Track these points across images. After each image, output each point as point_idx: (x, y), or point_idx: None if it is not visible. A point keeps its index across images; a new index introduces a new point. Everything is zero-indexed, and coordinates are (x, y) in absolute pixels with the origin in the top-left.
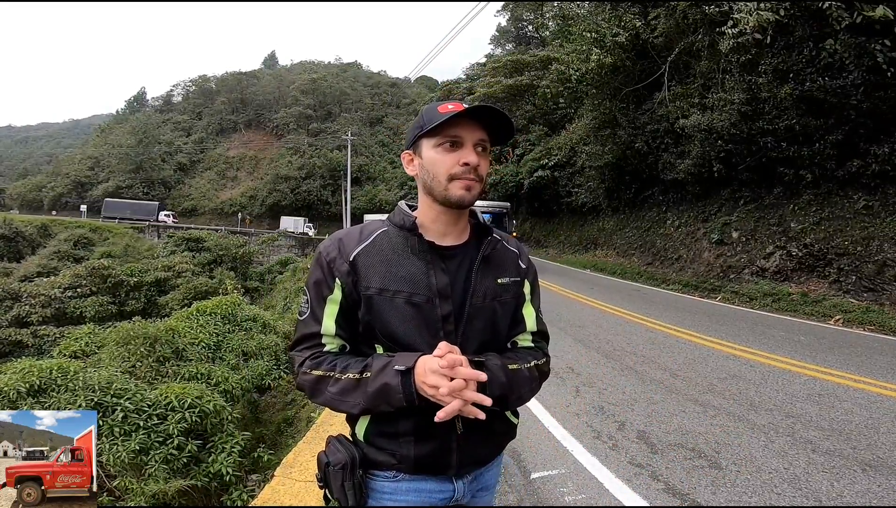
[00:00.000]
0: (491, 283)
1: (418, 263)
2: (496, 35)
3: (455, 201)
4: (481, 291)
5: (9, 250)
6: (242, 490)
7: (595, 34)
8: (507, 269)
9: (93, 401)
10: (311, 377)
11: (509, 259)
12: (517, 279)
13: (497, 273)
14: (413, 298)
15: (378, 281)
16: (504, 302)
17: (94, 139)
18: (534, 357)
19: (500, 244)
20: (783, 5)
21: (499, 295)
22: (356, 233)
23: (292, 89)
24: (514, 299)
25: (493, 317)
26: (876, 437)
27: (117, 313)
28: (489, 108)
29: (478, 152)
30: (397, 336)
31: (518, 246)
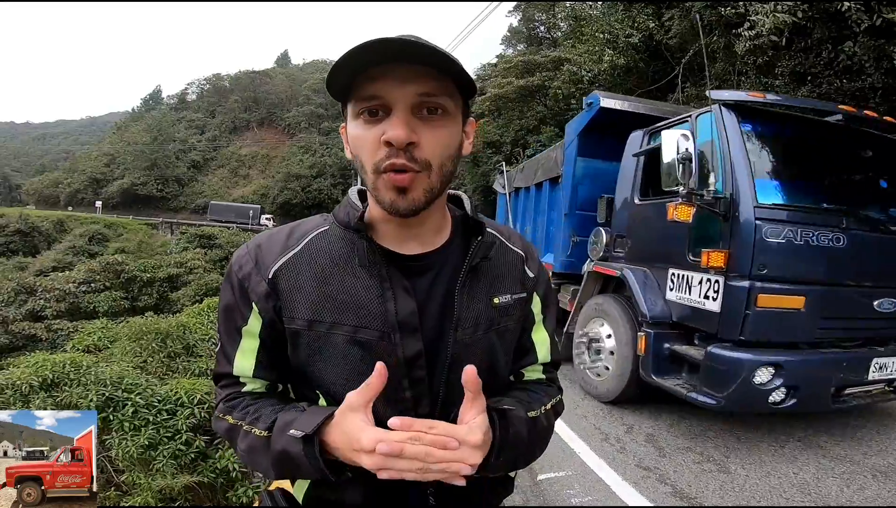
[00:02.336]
0: (484, 305)
1: (368, 280)
2: (507, 35)
3: (385, 207)
4: (470, 319)
5: (25, 244)
6: (248, 486)
7: (608, 35)
8: (507, 281)
9: (104, 396)
10: (224, 424)
11: (510, 266)
12: (522, 296)
13: (493, 289)
14: (359, 333)
15: (307, 309)
16: (504, 331)
17: (111, 136)
18: (549, 395)
19: (497, 246)
20: (801, 7)
21: (496, 322)
22: (282, 236)
23: (304, 88)
24: (518, 324)
25: (489, 355)
26: (887, 443)
27: (130, 309)
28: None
29: (419, 118)
30: (337, 391)
31: (524, 245)
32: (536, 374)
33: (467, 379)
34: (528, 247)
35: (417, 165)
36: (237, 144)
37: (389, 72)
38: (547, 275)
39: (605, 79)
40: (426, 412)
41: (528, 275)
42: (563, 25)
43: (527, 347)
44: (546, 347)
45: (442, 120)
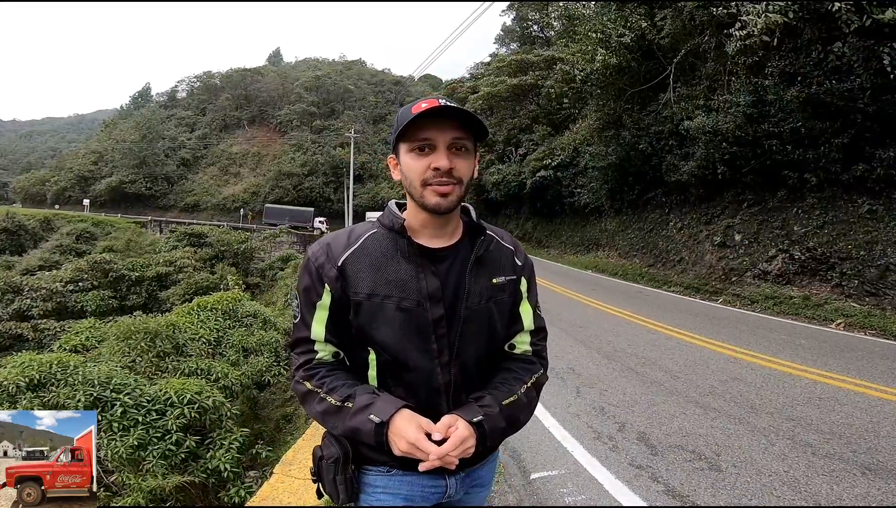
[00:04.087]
0: (486, 283)
1: (408, 266)
2: (501, 34)
3: (430, 207)
4: (476, 292)
5: (11, 243)
6: (240, 486)
7: (600, 34)
8: (503, 267)
9: (92, 396)
10: (303, 388)
11: (504, 257)
12: (513, 278)
13: (492, 273)
14: (403, 302)
15: (367, 286)
16: (500, 302)
17: (99, 134)
18: (530, 372)
19: (495, 242)
20: (792, 7)
21: (494, 296)
22: (344, 237)
23: (296, 86)
24: (510, 297)
25: (489, 319)
26: (876, 441)
27: (118, 308)
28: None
29: (453, 153)
30: (387, 342)
31: (513, 242)
32: (524, 345)
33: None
34: (517, 243)
35: (455, 180)
36: (228, 142)
37: (434, 124)
38: (531, 263)
39: (597, 78)
40: (446, 360)
41: (517, 263)
42: (556, 25)
43: (517, 316)
44: (530, 317)
45: (466, 154)
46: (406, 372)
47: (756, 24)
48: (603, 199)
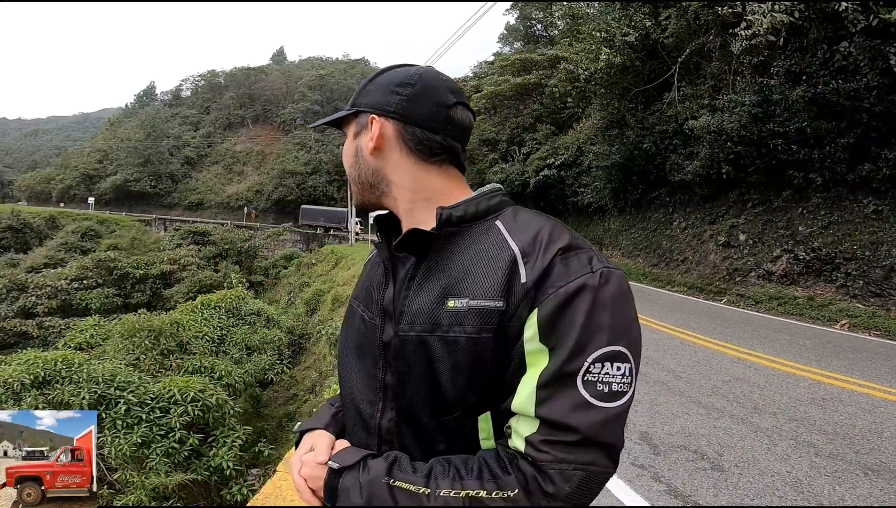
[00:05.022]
0: (430, 304)
1: (380, 270)
2: (504, 33)
3: None
4: (410, 313)
5: (16, 241)
6: (243, 484)
7: (604, 34)
8: (473, 282)
9: (96, 393)
10: None
11: (487, 264)
12: (492, 305)
13: (449, 287)
14: (365, 313)
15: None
16: (451, 342)
17: (103, 132)
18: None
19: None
20: (798, 7)
21: (441, 326)
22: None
23: (300, 85)
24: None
25: (422, 362)
26: (879, 441)
27: (122, 306)
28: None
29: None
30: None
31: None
32: (518, 439)
33: None
34: (542, 241)
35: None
36: (232, 140)
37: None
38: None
39: (601, 77)
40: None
41: (518, 280)
42: (560, 24)
43: (511, 385)
44: (528, 389)
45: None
46: (349, 394)
47: (761, 24)
48: (606, 198)
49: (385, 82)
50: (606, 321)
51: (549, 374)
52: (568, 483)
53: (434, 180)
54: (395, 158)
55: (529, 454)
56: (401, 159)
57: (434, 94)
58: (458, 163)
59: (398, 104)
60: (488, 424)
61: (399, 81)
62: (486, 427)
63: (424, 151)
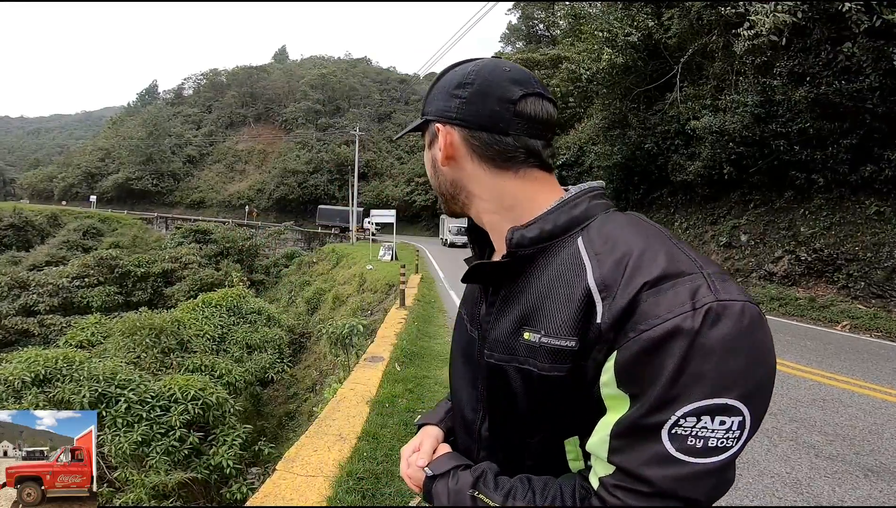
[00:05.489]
0: (508, 330)
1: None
2: (506, 33)
3: None
4: (491, 339)
5: (18, 239)
6: (242, 483)
7: (607, 34)
8: (548, 316)
9: (97, 392)
10: None
11: (562, 298)
12: (565, 345)
13: (526, 317)
14: (468, 324)
15: (463, 296)
16: (526, 374)
17: (106, 131)
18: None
19: (568, 255)
20: (801, 7)
21: (518, 357)
22: None
23: (302, 84)
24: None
25: (502, 388)
26: (879, 443)
27: (124, 304)
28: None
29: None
30: (451, 362)
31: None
32: (594, 477)
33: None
34: (627, 269)
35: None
36: (233, 139)
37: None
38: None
39: (603, 77)
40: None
41: (592, 320)
42: (562, 23)
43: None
44: (602, 435)
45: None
46: (456, 401)
47: (764, 24)
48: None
49: (445, 86)
50: (710, 370)
51: (626, 424)
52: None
53: (513, 188)
54: (469, 167)
55: (601, 494)
56: (475, 168)
57: (495, 90)
58: (542, 162)
59: (458, 109)
60: (576, 447)
61: (457, 81)
62: (573, 450)
63: (496, 157)
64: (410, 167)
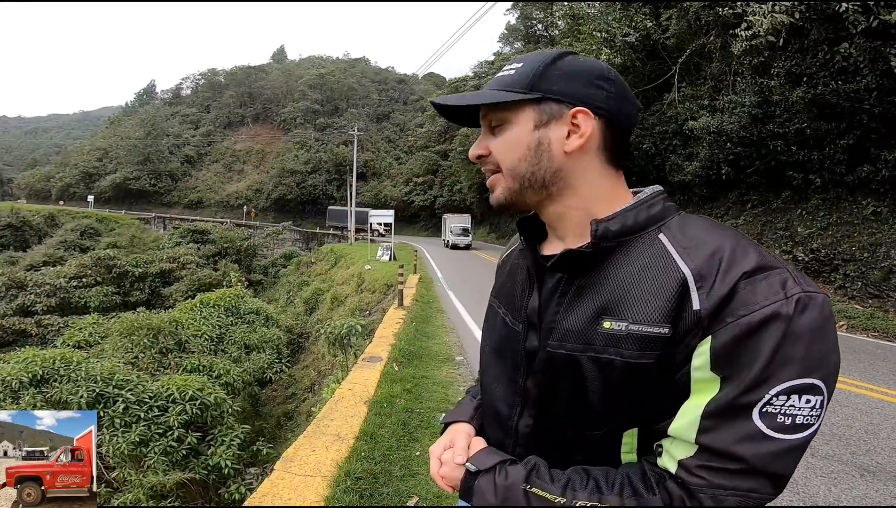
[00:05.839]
0: (583, 320)
1: (524, 276)
2: (505, 33)
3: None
4: (561, 329)
5: (16, 238)
6: (241, 483)
7: (605, 34)
8: (635, 305)
9: (94, 392)
10: None
11: (651, 286)
12: (657, 332)
13: (606, 307)
14: (507, 317)
15: (496, 289)
16: (605, 363)
17: (103, 131)
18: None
19: (651, 251)
20: (798, 8)
21: (595, 346)
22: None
23: (300, 84)
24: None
25: (572, 379)
26: (876, 443)
27: (121, 304)
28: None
29: (491, 133)
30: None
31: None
32: (669, 460)
33: None
34: (720, 263)
35: (493, 166)
36: (232, 139)
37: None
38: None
39: None
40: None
41: (690, 305)
42: (560, 24)
43: (671, 408)
44: (691, 417)
45: (502, 131)
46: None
47: (762, 25)
48: None
49: (579, 71)
50: (800, 352)
51: (719, 404)
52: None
53: (608, 184)
54: (587, 159)
55: (681, 476)
56: (591, 161)
57: (629, 94)
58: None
59: (606, 100)
60: (633, 439)
61: (597, 72)
62: (630, 442)
63: (615, 154)
64: (409, 167)
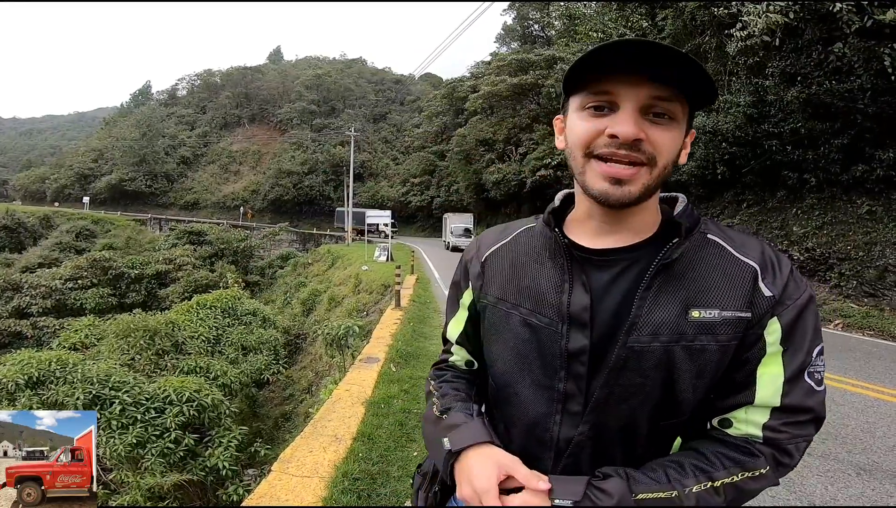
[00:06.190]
0: (673, 313)
1: (552, 271)
2: (501, 33)
3: (594, 195)
4: (650, 324)
5: (11, 240)
6: (239, 484)
7: (601, 34)
8: (720, 294)
9: (91, 394)
10: (427, 387)
11: (729, 278)
12: (742, 316)
13: (693, 299)
14: (532, 317)
15: (497, 288)
16: (697, 350)
17: (99, 132)
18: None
19: (717, 249)
20: (793, 8)
21: (687, 336)
22: (499, 230)
23: (297, 84)
24: (721, 348)
25: (667, 371)
26: (872, 441)
27: (117, 306)
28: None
29: (649, 120)
30: (498, 363)
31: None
32: (750, 427)
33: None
34: (771, 260)
35: (643, 158)
36: (228, 140)
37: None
38: (803, 299)
39: None
40: (577, 410)
41: (762, 293)
42: (557, 24)
43: (743, 382)
44: (776, 385)
45: (668, 124)
46: (509, 407)
47: (757, 25)
48: None
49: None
50: (819, 325)
51: (793, 370)
52: (799, 453)
53: None
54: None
55: (768, 436)
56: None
57: None
58: None
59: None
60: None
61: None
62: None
63: None
64: (406, 168)
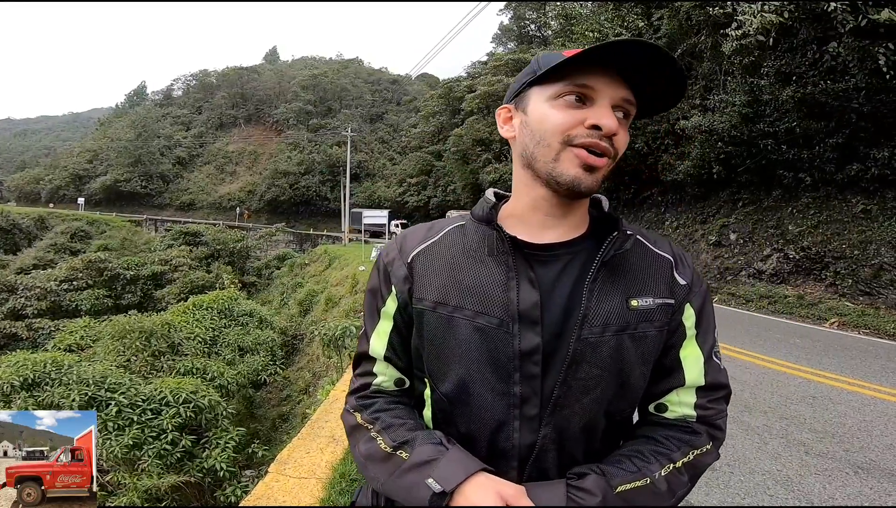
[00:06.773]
0: (617, 304)
1: (495, 269)
2: (498, 33)
3: (566, 182)
4: (599, 316)
5: (5, 242)
6: (236, 485)
7: (597, 34)
8: (652, 284)
9: (87, 395)
10: (351, 420)
11: (655, 269)
12: (668, 302)
13: (630, 289)
14: (478, 319)
15: (434, 291)
16: (641, 337)
17: (94, 133)
18: (687, 446)
19: (639, 245)
20: (788, 8)
21: (631, 325)
22: (424, 229)
23: (293, 85)
24: (660, 333)
25: (618, 361)
26: (869, 440)
27: (113, 307)
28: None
29: (617, 119)
30: (446, 376)
31: (674, 252)
32: (684, 408)
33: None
34: (680, 253)
35: (613, 150)
36: (224, 140)
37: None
38: (704, 287)
39: None
40: (534, 413)
41: (678, 282)
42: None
43: (671, 367)
44: (699, 366)
45: (625, 124)
46: (463, 420)
47: (752, 24)
48: None
49: None
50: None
51: (710, 351)
52: (725, 427)
53: None
54: None
55: (700, 414)
56: None
57: None
58: None
59: None
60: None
61: None
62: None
63: None
64: (402, 168)
